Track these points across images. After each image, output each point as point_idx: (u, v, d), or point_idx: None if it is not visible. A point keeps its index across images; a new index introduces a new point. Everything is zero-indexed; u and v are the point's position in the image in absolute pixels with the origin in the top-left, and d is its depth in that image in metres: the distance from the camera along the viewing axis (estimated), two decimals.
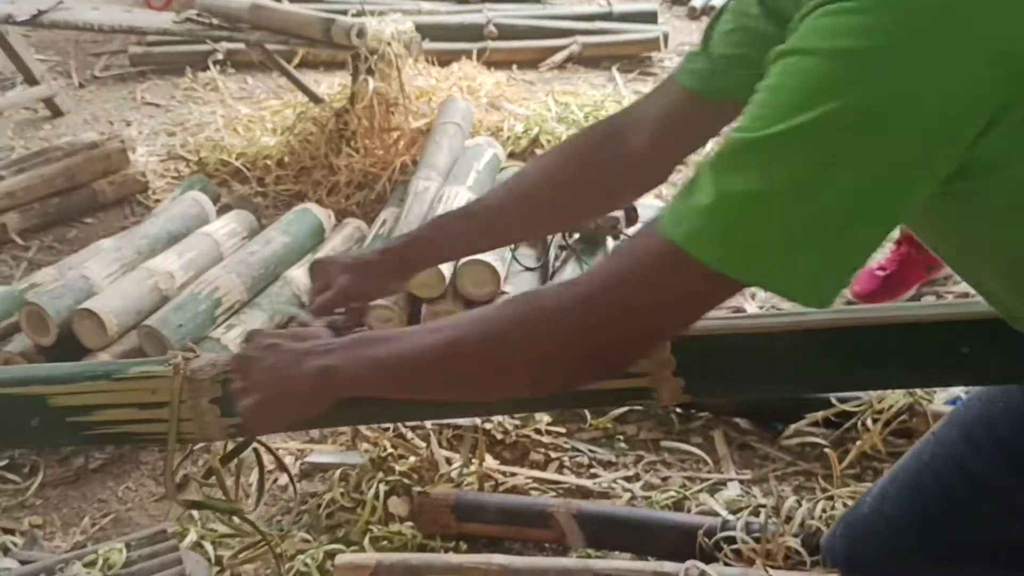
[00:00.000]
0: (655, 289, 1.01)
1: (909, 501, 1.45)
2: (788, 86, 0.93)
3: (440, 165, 3.67)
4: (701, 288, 0.99)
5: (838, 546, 1.57)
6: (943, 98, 0.90)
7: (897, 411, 2.51)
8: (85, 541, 2.45)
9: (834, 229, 0.94)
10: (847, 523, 1.57)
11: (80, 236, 3.87)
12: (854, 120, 0.90)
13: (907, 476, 1.47)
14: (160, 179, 4.23)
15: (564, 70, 5.22)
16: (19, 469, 2.69)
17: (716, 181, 0.95)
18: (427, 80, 4.43)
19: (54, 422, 1.30)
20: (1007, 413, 1.33)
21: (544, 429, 2.67)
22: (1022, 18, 0.89)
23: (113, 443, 1.34)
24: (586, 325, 1.04)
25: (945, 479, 1.40)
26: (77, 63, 5.55)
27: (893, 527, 1.46)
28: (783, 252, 0.94)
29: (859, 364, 1.29)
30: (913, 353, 1.29)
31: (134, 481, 2.64)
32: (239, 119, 4.68)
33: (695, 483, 2.53)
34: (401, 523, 2.40)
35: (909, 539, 1.44)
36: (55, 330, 2.86)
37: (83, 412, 1.29)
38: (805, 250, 0.94)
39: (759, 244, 0.94)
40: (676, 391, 1.28)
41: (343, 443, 2.69)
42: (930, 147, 0.92)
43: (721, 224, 0.95)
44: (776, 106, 0.93)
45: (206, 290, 3.01)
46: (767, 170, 0.93)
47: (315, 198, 3.89)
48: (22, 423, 1.30)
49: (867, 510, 1.51)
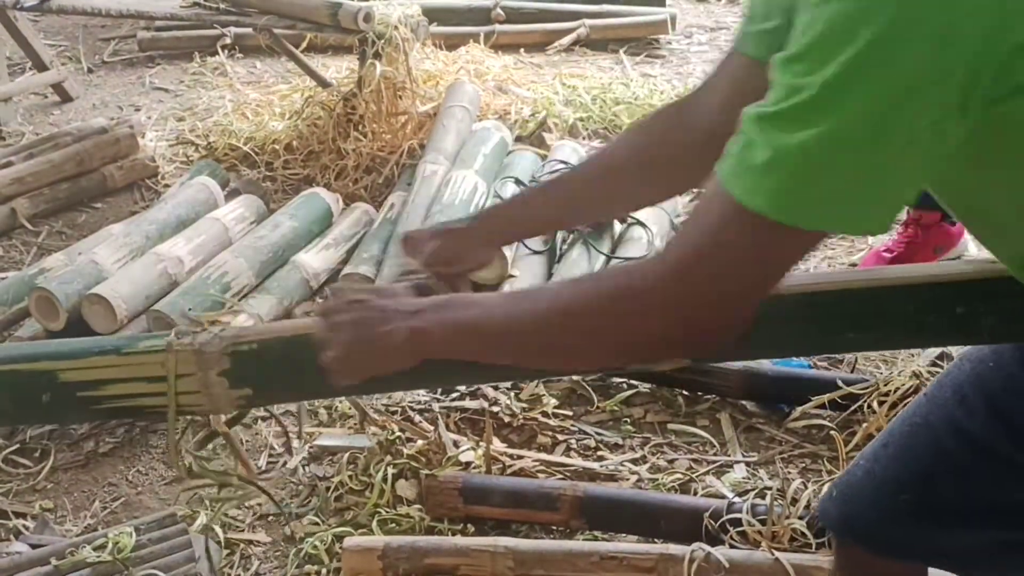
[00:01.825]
0: (735, 253, 1.03)
1: (902, 462, 1.45)
2: (820, 34, 0.96)
3: (447, 149, 3.67)
4: (776, 244, 1.02)
5: (832, 509, 1.58)
6: (971, 17, 0.92)
7: (903, 393, 2.51)
8: (95, 525, 2.46)
9: (889, 164, 0.98)
10: (840, 486, 1.57)
11: (89, 221, 3.88)
12: (885, 53, 0.93)
13: (899, 438, 1.47)
14: (169, 164, 4.23)
15: (572, 53, 5.21)
16: (30, 453, 2.71)
17: (768, 136, 0.98)
18: (434, 64, 4.42)
19: (65, 397, 1.31)
20: (997, 371, 1.34)
21: (551, 412, 2.68)
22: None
23: (123, 417, 1.34)
24: (678, 300, 1.06)
25: (938, 440, 1.41)
26: (86, 48, 5.55)
27: (886, 489, 1.46)
28: (845, 196, 0.99)
29: (850, 328, 1.29)
30: (905, 315, 1.30)
31: (144, 465, 2.66)
32: (247, 104, 4.68)
33: (701, 465, 2.54)
34: (409, 506, 2.41)
35: (902, 501, 1.44)
36: (64, 315, 2.88)
37: (92, 387, 1.30)
38: (864, 189, 0.98)
39: (822, 192, 0.98)
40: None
41: (351, 426, 2.70)
42: (970, 67, 0.94)
43: (783, 178, 0.98)
44: (812, 56, 0.96)
45: (215, 274, 3.03)
46: (817, 119, 0.96)
47: (323, 182, 3.89)
48: (34, 399, 1.31)
49: (860, 473, 1.51)
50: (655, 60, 5.09)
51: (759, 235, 1.01)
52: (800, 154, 0.97)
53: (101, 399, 1.30)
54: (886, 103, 0.94)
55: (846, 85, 0.94)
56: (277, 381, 1.34)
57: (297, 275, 3.21)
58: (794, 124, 0.97)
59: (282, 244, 3.27)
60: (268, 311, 3.04)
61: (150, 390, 1.30)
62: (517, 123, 4.18)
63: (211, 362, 1.30)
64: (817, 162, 0.97)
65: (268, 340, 1.33)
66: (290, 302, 3.15)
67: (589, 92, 4.46)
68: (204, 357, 1.30)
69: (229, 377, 1.30)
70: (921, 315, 1.29)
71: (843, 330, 1.30)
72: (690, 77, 4.82)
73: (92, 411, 1.32)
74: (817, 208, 0.99)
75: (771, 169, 0.98)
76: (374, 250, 3.28)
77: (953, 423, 1.38)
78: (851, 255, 3.33)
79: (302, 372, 1.31)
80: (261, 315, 2.97)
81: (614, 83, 4.62)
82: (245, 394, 1.30)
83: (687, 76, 4.84)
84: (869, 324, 1.30)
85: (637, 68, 4.98)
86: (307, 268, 3.24)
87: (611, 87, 4.54)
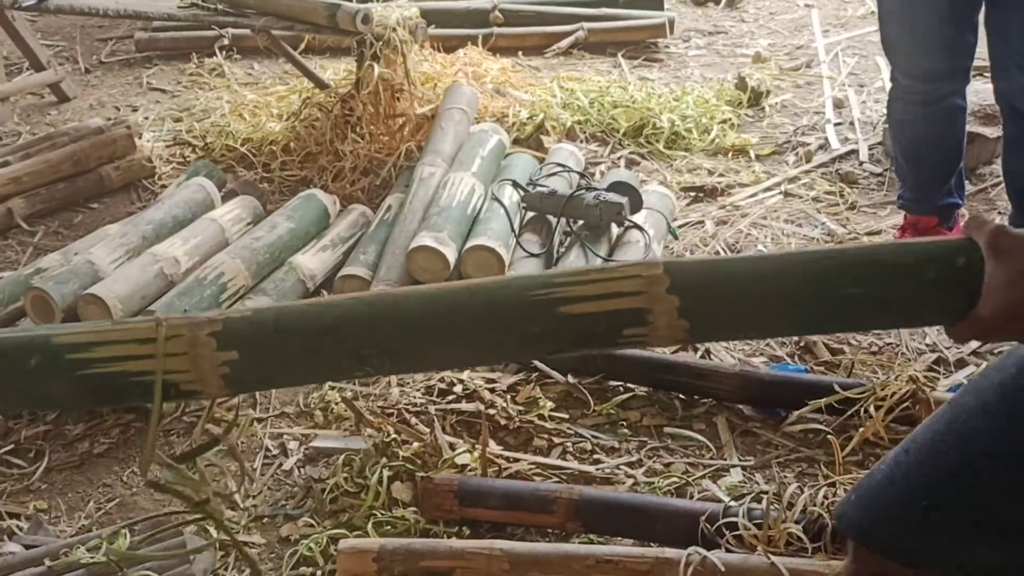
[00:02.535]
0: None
1: (924, 471, 1.44)
2: None
3: (445, 151, 3.67)
4: None
5: (851, 515, 1.56)
6: None
7: (900, 398, 2.51)
8: (90, 526, 2.46)
9: None
10: (860, 492, 1.56)
11: (86, 221, 3.88)
12: None
13: (921, 444, 1.46)
14: (166, 164, 4.23)
15: (570, 56, 5.21)
16: (24, 453, 2.71)
17: None
18: (432, 66, 4.42)
19: (53, 360, 1.27)
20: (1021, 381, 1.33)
21: (547, 415, 2.68)
22: None
23: (107, 394, 1.30)
24: None
25: (958, 447, 1.39)
26: (83, 48, 5.55)
27: (906, 494, 1.45)
28: None
29: (852, 284, 1.24)
30: (906, 268, 1.25)
31: (139, 465, 2.65)
32: (245, 105, 4.68)
33: (697, 469, 2.54)
34: (405, 508, 2.41)
35: (923, 508, 1.43)
36: (60, 315, 2.87)
37: (83, 349, 1.27)
38: None
39: None
40: (673, 314, 1.22)
41: (347, 428, 2.70)
42: None
43: None
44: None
45: (211, 275, 3.03)
46: None
47: (320, 184, 3.89)
48: (21, 363, 1.29)
49: (880, 477, 1.50)
50: (653, 64, 5.10)
51: None
52: None
53: (89, 362, 1.27)
54: None
55: None
56: (266, 349, 1.31)
57: (294, 276, 3.21)
58: None
59: (279, 245, 3.27)
60: None
61: (139, 352, 1.27)
62: (515, 126, 4.18)
63: (202, 324, 1.28)
64: None
65: (263, 311, 1.32)
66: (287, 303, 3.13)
67: (587, 95, 4.46)
68: (196, 320, 1.28)
69: (218, 338, 1.28)
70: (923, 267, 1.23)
71: (844, 286, 1.25)
72: (688, 81, 4.82)
73: (78, 378, 1.28)
74: None
75: None
76: (371, 252, 3.28)
77: (974, 431, 1.37)
78: None
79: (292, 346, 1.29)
80: None
81: (612, 86, 4.62)
82: (231, 358, 1.28)
83: (684, 80, 4.85)
84: (870, 281, 1.24)
85: (635, 72, 4.98)
86: (304, 269, 3.24)
87: (609, 90, 4.54)
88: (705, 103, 4.45)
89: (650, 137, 4.18)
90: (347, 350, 1.30)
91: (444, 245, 3.12)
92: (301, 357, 1.31)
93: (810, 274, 1.26)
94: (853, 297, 1.25)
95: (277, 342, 1.31)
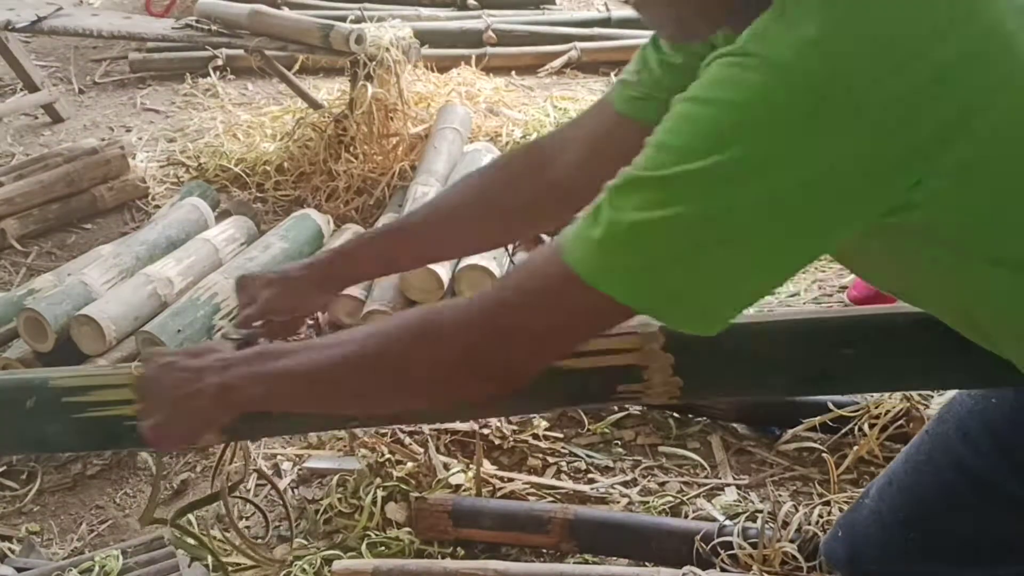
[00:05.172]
0: (548, 310, 1.05)
1: (907, 500, 1.45)
2: (684, 131, 0.97)
3: (439, 170, 3.67)
4: (590, 311, 1.03)
5: (838, 549, 1.57)
6: (830, 160, 0.93)
7: (894, 416, 2.51)
8: (82, 548, 2.45)
9: (717, 270, 0.98)
10: (846, 525, 1.56)
11: (79, 242, 3.87)
12: (738, 172, 0.94)
13: (905, 476, 1.47)
14: (160, 185, 4.23)
15: (563, 76, 5.23)
16: (17, 475, 2.70)
17: (611, 212, 0.99)
18: (426, 86, 4.44)
19: (49, 402, 1.28)
20: (999, 407, 1.33)
21: (542, 434, 2.67)
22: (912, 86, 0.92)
23: (101, 437, 1.31)
24: (481, 342, 1.08)
25: (943, 477, 1.40)
26: (77, 69, 5.56)
27: (893, 527, 1.46)
28: (666, 283, 0.99)
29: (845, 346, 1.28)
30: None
31: (132, 487, 2.64)
32: (239, 125, 4.68)
33: (692, 488, 2.53)
34: (399, 529, 2.40)
35: (910, 539, 1.44)
36: (53, 336, 2.86)
37: (80, 392, 1.28)
38: (690, 284, 0.99)
39: (643, 272, 0.98)
40: (668, 371, 1.25)
41: (341, 449, 2.69)
42: (823, 206, 0.96)
43: (610, 251, 0.99)
44: (672, 149, 0.97)
45: (205, 295, 3.02)
46: (657, 207, 0.96)
47: (314, 204, 3.89)
48: (17, 403, 1.29)
49: (866, 512, 1.51)
50: None
51: (570, 291, 1.01)
52: (633, 227, 0.98)
53: (85, 406, 1.28)
54: (724, 211, 0.95)
55: (700, 185, 0.95)
56: None
57: None
58: (639, 199, 0.98)
59: (273, 265, 3.26)
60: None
61: (134, 396, 1.28)
62: (508, 145, 4.18)
63: None
64: (648, 240, 0.98)
65: None
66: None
67: None
68: None
69: None
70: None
71: (839, 347, 1.28)
72: None
73: (73, 421, 1.29)
74: (631, 282, 0.99)
75: (603, 231, 0.99)
76: None
77: (957, 460, 1.38)
78: (841, 278, 3.33)
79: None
80: None
81: None
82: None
83: None
84: (869, 337, 1.28)
85: None
86: None
87: None
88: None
89: None
90: None
91: (438, 264, 3.12)
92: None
93: (806, 335, 1.29)
94: (847, 357, 1.27)
95: None
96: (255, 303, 1.50)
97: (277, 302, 1.50)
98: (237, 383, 1.18)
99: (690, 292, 0.99)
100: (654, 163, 0.98)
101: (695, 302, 1.00)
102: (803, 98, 0.91)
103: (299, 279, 1.53)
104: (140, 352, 2.85)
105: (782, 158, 0.93)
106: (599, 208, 1.00)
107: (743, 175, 0.93)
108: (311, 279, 1.53)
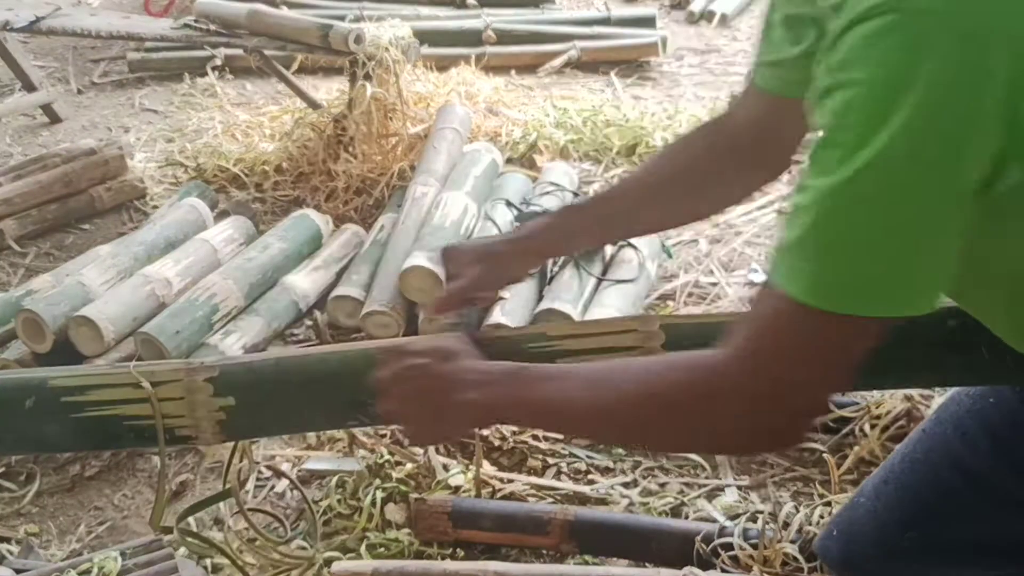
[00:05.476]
0: (794, 344, 1.00)
1: (904, 500, 1.44)
2: (844, 125, 0.94)
3: (438, 170, 3.66)
4: (829, 332, 0.98)
5: (833, 548, 1.56)
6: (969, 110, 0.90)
7: (895, 416, 2.50)
8: (81, 549, 2.44)
9: (925, 247, 0.95)
10: (841, 524, 1.56)
11: (77, 242, 3.86)
12: (908, 147, 0.91)
13: (901, 475, 1.46)
14: (158, 185, 4.22)
15: (562, 75, 5.22)
16: (15, 477, 2.69)
17: (813, 234, 0.96)
18: (425, 85, 4.43)
19: (48, 401, 1.28)
20: (998, 407, 1.33)
21: (541, 435, 2.66)
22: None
23: (100, 436, 1.31)
24: (754, 395, 1.03)
25: (940, 476, 1.40)
26: (75, 69, 5.55)
27: (889, 526, 1.45)
28: (892, 281, 0.95)
29: None
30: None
31: (130, 488, 2.64)
32: (237, 125, 4.68)
33: (693, 489, 2.53)
34: (398, 530, 2.39)
35: (906, 538, 1.43)
36: (51, 337, 2.86)
37: (79, 392, 1.28)
38: (908, 273, 0.95)
39: (871, 281, 0.95)
40: None
41: (340, 450, 2.69)
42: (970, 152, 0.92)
43: (833, 272, 0.96)
44: (839, 146, 0.94)
45: (203, 296, 3.01)
46: (853, 211, 0.94)
47: (313, 204, 3.88)
48: (16, 403, 1.29)
49: (862, 511, 1.50)
50: (646, 82, 5.11)
51: (810, 324, 0.98)
52: (832, 239, 0.95)
53: (84, 405, 1.28)
54: (913, 188, 0.93)
55: (869, 179, 0.92)
56: (262, 395, 1.32)
57: (286, 297, 3.20)
58: (830, 207, 0.95)
59: (271, 266, 3.26)
60: (257, 333, 3.02)
61: (133, 396, 1.28)
62: (508, 145, 4.18)
63: (199, 370, 1.29)
64: (849, 245, 0.95)
65: (260, 359, 1.33)
66: (279, 324, 3.13)
67: (580, 114, 4.46)
68: (192, 365, 1.29)
69: (215, 384, 1.28)
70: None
71: None
72: (681, 99, 4.83)
73: (72, 420, 1.29)
74: (856, 293, 0.96)
75: (806, 255, 0.96)
76: (364, 272, 3.27)
77: (955, 459, 1.37)
78: None
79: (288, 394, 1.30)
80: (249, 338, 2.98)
81: (605, 105, 4.63)
82: (227, 404, 1.28)
83: (678, 98, 4.85)
84: None
85: (628, 90, 4.99)
86: (296, 290, 3.23)
87: (602, 109, 4.55)
88: (699, 122, 4.45)
89: (644, 156, 4.18)
90: (345, 398, 1.30)
91: (438, 264, 3.11)
92: (297, 404, 1.31)
93: None
94: None
95: (274, 389, 1.31)
96: (461, 278, 1.49)
97: (485, 278, 1.49)
98: (500, 405, 1.17)
99: (913, 277, 0.96)
100: (827, 167, 0.95)
101: (918, 285, 0.97)
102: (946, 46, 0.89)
103: (505, 253, 1.51)
104: (138, 353, 2.85)
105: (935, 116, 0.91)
106: (796, 232, 0.97)
107: (908, 150, 0.91)
108: (516, 252, 1.52)
